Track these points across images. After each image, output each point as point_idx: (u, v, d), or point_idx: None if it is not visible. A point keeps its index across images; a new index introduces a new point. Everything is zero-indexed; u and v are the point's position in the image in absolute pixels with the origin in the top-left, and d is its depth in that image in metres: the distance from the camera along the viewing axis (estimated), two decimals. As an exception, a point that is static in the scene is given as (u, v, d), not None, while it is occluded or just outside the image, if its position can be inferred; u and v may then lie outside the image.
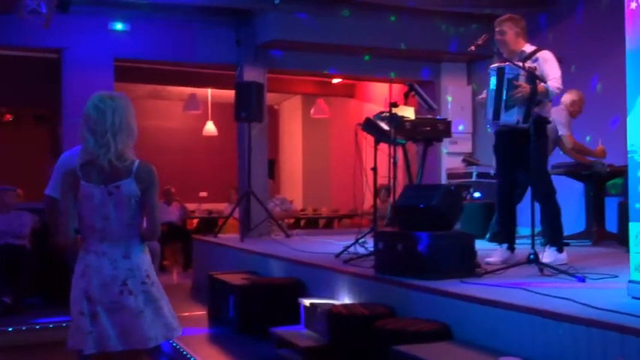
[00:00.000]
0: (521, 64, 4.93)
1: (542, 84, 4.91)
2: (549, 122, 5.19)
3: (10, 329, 6.25)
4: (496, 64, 5.12)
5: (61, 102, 8.75)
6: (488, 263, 4.95)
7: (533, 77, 4.85)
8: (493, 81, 5.06)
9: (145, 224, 3.11)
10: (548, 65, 5.02)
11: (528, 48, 5.18)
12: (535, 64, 4.99)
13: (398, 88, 10.88)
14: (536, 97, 4.88)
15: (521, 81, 4.89)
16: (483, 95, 5.29)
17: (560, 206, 5.14)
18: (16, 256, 7.26)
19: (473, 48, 5.26)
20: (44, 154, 11.57)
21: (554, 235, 5.07)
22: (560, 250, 5.07)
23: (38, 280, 7.57)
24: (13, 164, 11.19)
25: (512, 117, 4.96)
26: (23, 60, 10.14)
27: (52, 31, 7.70)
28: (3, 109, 12.52)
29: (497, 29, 5.22)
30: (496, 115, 5.04)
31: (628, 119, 3.65)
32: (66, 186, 3.04)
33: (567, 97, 7.05)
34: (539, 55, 5.12)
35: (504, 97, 4.96)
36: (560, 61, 5.21)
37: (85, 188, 3.00)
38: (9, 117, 12.55)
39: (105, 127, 3.01)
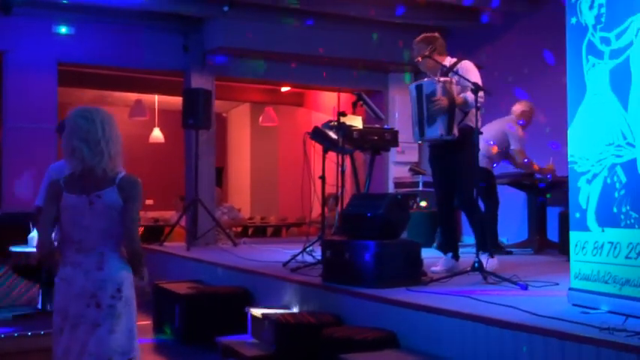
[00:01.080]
0: (436, 78, 5.06)
1: (460, 95, 5.02)
2: (480, 133, 5.28)
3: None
4: (415, 82, 5.27)
5: (0, 106, 8.51)
6: (433, 272, 5.02)
7: (449, 90, 4.98)
8: (414, 100, 5.19)
9: None
10: (468, 75, 5.11)
11: (449, 61, 5.32)
12: (456, 77, 5.11)
13: (346, 98, 10.97)
14: (455, 109, 5.00)
15: (438, 94, 5.00)
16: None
17: (482, 212, 5.21)
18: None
19: (419, 59, 5.36)
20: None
21: (482, 241, 5.09)
22: (491, 256, 5.15)
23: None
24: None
25: (435, 131, 5.09)
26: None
27: (-7, 33, 7.50)
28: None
29: (414, 52, 5.39)
30: (421, 131, 5.17)
31: (568, 131, 3.75)
32: (49, 196, 3.01)
33: (517, 108, 7.22)
34: (459, 66, 5.24)
35: (425, 113, 5.08)
36: (480, 68, 5.35)
37: (66, 199, 2.96)
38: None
39: (97, 137, 2.99)
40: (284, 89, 12.05)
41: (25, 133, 8.23)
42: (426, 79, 5.20)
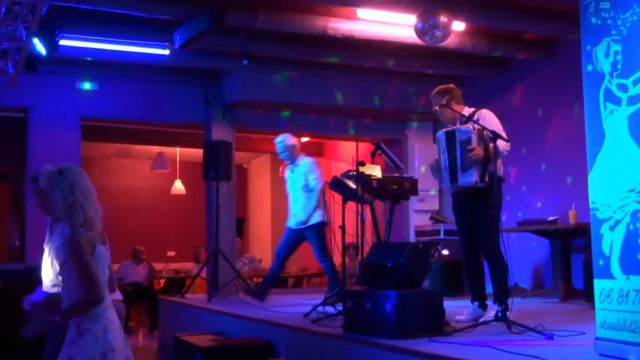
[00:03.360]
0: (471, 126, 5.05)
1: (491, 144, 5.00)
2: (503, 180, 5.27)
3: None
4: (444, 130, 5.25)
5: (25, 161, 8.66)
6: (458, 321, 4.94)
7: (484, 138, 4.96)
8: (442, 145, 5.17)
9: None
10: (490, 124, 5.09)
11: (467, 110, 5.33)
12: (479, 124, 5.10)
13: (365, 147, 11.01)
14: (490, 157, 4.98)
15: (474, 142, 4.99)
16: (434, 162, 5.41)
17: (507, 265, 5.05)
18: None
19: (437, 108, 5.39)
20: (8, 213, 11.37)
21: (499, 293, 4.98)
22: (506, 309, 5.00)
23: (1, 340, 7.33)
24: (-25, 224, 10.97)
25: (470, 178, 5.05)
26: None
27: (18, 90, 7.67)
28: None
29: (433, 102, 5.43)
30: (453, 178, 5.13)
31: (589, 177, 3.73)
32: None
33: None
34: (478, 115, 5.24)
35: (459, 160, 5.05)
36: (501, 117, 5.35)
37: (99, 249, 3.15)
38: (-29, 176, 12.35)
39: (92, 192, 3.20)
40: (303, 140, 12.12)
41: (49, 187, 8.33)
42: (458, 126, 5.18)
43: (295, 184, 7.22)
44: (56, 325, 3.09)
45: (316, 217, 6.98)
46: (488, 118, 5.19)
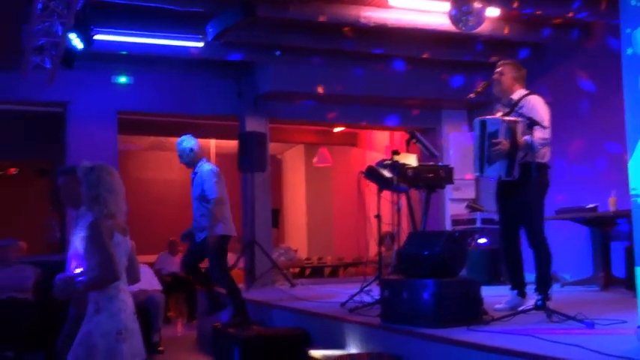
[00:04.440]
0: (501, 118, 4.96)
1: (523, 138, 4.90)
2: (548, 167, 5.16)
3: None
4: (480, 117, 5.17)
5: (63, 155, 8.80)
6: (497, 310, 4.90)
7: (513, 132, 4.87)
8: (476, 133, 5.12)
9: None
10: (534, 113, 4.95)
11: (518, 94, 5.21)
12: (522, 112, 4.99)
13: (399, 136, 10.97)
14: (518, 152, 4.89)
15: (501, 136, 4.91)
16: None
17: (551, 255, 5.00)
18: (18, 309, 7.20)
19: (472, 95, 5.34)
20: (46, 207, 11.59)
21: (541, 282, 4.91)
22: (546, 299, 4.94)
23: (41, 334, 7.49)
24: (17, 217, 11.20)
25: (494, 172, 5.02)
26: (27, 114, 10.24)
27: (56, 85, 7.80)
28: (7, 162, 12.59)
29: (497, 69, 5.28)
30: (480, 169, 5.09)
31: (629, 163, 3.65)
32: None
33: None
34: (525, 101, 5.11)
35: (486, 152, 5.00)
36: (550, 105, 5.23)
37: (117, 237, 3.39)
38: (13, 170, 12.62)
39: (118, 189, 3.44)
40: (337, 130, 12.12)
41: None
42: (491, 117, 5.11)
43: (194, 192, 6.51)
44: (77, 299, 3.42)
45: (215, 230, 6.16)
46: (533, 106, 5.05)
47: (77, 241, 3.67)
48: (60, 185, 4.33)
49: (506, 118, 4.98)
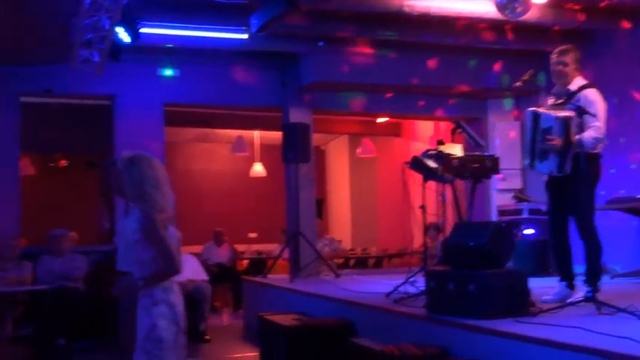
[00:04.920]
0: (555, 115, 4.84)
1: (576, 137, 4.79)
2: (599, 156, 5.04)
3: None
4: (531, 109, 5.06)
5: (111, 147, 8.97)
6: (544, 301, 4.83)
7: (567, 129, 4.76)
8: (528, 125, 5.02)
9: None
10: (590, 108, 4.81)
11: (575, 84, 5.07)
12: (578, 104, 4.87)
13: (444, 126, 10.86)
14: (571, 150, 4.78)
15: (555, 133, 4.80)
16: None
17: (601, 246, 4.89)
18: (70, 298, 7.38)
19: (519, 83, 5.25)
20: (96, 198, 11.83)
21: (591, 273, 4.81)
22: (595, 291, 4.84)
23: (92, 322, 7.68)
24: (68, 208, 11.47)
25: (545, 168, 4.94)
26: (77, 107, 10.46)
27: (104, 78, 7.94)
28: (58, 154, 12.89)
29: (557, 59, 5.11)
30: (531, 163, 5.02)
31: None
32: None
33: None
34: (583, 94, 4.97)
35: (538, 147, 4.90)
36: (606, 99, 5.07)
37: (170, 229, 3.43)
38: (63, 162, 12.91)
39: (162, 182, 3.43)
40: (381, 120, 12.07)
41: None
42: (544, 112, 5.00)
43: None
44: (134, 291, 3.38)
45: None
46: (591, 101, 4.90)
47: (128, 232, 3.73)
48: (109, 176, 4.40)
49: (561, 114, 4.84)
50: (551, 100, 5.15)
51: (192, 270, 8.23)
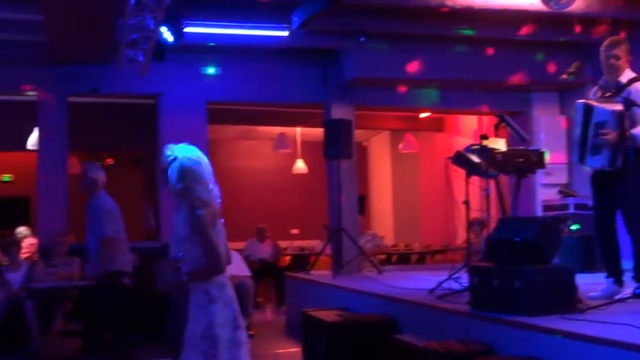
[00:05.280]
0: (609, 108, 4.73)
1: (631, 131, 4.68)
2: None
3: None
4: (583, 101, 4.94)
5: (156, 145, 9.11)
6: (592, 298, 4.74)
7: (622, 123, 4.65)
8: (579, 118, 4.90)
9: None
10: None
11: (625, 77, 4.94)
12: (629, 97, 4.75)
13: (487, 121, 10.73)
14: (624, 144, 4.67)
15: (609, 127, 4.69)
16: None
17: None
18: (116, 293, 7.51)
19: (564, 76, 5.15)
20: (141, 195, 12.03)
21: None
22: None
23: (139, 317, 7.81)
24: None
25: (597, 162, 4.84)
26: (122, 107, 10.65)
27: (149, 78, 8.07)
28: (104, 153, 13.14)
29: (609, 52, 4.99)
30: (581, 157, 4.90)
31: None
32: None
33: None
34: (634, 87, 4.85)
35: (590, 142, 4.80)
36: None
37: (218, 225, 3.40)
38: (110, 161, 13.16)
39: (205, 176, 3.38)
40: (423, 115, 11.99)
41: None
42: (597, 105, 4.90)
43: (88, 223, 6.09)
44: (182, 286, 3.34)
45: (107, 266, 5.96)
46: None
47: (179, 226, 3.67)
48: (160, 171, 4.37)
49: (615, 108, 4.73)
50: (598, 93, 5.04)
51: (235, 266, 8.30)
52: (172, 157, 3.37)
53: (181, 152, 3.38)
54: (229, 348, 3.23)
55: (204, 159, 3.42)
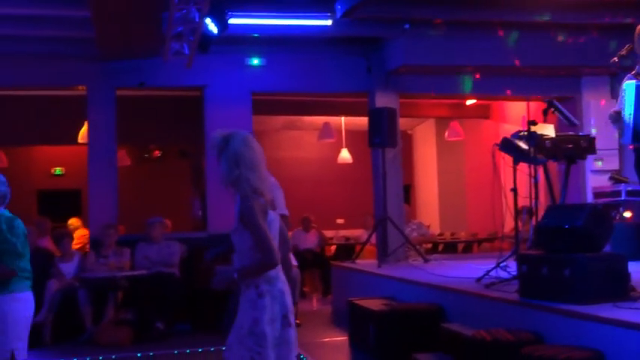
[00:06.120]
0: None
1: None
2: None
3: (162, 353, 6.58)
4: (635, 80, 4.81)
5: (202, 137, 9.21)
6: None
7: None
8: (630, 99, 4.76)
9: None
10: None
11: None
12: None
13: (535, 107, 10.52)
14: None
15: None
16: (616, 109, 4.98)
17: None
18: (166, 283, 7.65)
19: (615, 59, 5.03)
20: (188, 186, 12.19)
21: None
22: None
23: (188, 306, 7.94)
24: (162, 197, 11.88)
25: None
26: (169, 99, 10.79)
27: (194, 70, 8.15)
28: (152, 145, 13.36)
29: (627, 45, 4.92)
30: (636, 137, 4.76)
31: None
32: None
33: None
34: None
35: None
36: None
37: (271, 215, 3.23)
38: (157, 153, 13.37)
39: (258, 163, 3.22)
40: (469, 102, 11.84)
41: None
42: None
43: None
44: (236, 284, 3.20)
45: None
46: None
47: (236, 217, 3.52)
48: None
49: None
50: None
51: (282, 256, 8.37)
52: (224, 141, 3.20)
53: (234, 139, 3.21)
54: (277, 346, 3.11)
55: (258, 145, 3.26)
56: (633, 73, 4.88)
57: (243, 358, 3.08)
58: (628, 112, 4.82)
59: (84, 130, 9.83)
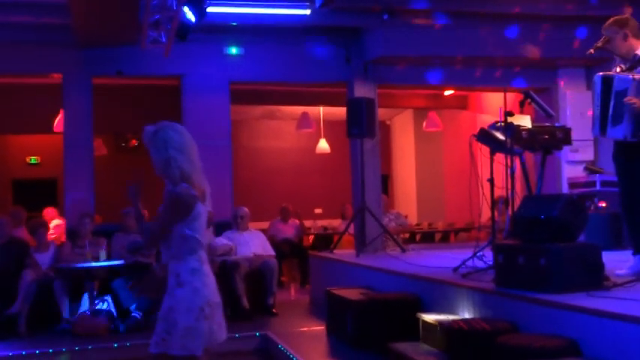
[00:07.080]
0: (631, 76, 4.66)
1: None
2: None
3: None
4: (602, 74, 4.88)
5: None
6: (619, 276, 4.70)
7: None
8: (598, 91, 4.83)
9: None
10: None
11: None
12: None
13: (512, 98, 10.60)
14: None
15: (631, 94, 4.62)
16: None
17: None
18: (143, 272, 7.61)
19: (592, 51, 5.06)
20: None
21: None
22: None
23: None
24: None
25: (619, 132, 4.75)
26: (145, 88, 10.69)
27: (172, 59, 8.09)
28: (129, 135, 13.24)
29: (603, 37, 4.99)
30: (602, 129, 4.83)
31: None
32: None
33: None
34: None
35: (611, 111, 4.72)
36: None
37: (198, 207, 3.28)
38: (134, 142, 13.26)
39: (189, 147, 3.29)
40: (447, 93, 11.89)
41: (202, 150, 8.78)
42: (617, 74, 4.84)
43: None
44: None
45: None
46: None
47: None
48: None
49: (636, 76, 4.67)
50: (617, 69, 4.97)
51: (259, 245, 8.36)
52: (153, 133, 3.28)
53: (163, 128, 3.29)
54: (183, 337, 3.11)
55: (189, 135, 3.31)
56: (620, 69, 4.92)
57: (153, 341, 3.19)
58: (595, 105, 4.89)
59: (59, 119, 9.72)
